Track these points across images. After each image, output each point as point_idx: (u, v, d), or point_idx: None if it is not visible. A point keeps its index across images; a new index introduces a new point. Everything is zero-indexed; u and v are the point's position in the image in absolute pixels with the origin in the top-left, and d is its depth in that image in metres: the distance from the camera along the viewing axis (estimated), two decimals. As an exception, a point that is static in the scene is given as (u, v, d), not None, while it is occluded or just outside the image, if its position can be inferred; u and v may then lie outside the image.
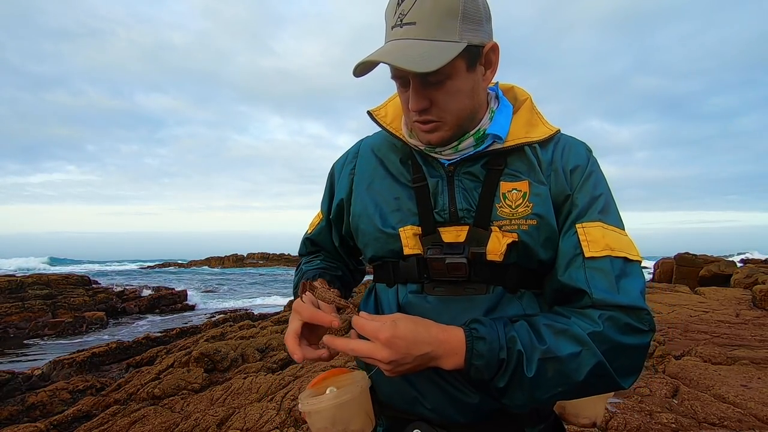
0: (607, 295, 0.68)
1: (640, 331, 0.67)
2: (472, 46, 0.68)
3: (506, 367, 0.65)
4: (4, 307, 10.45)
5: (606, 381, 0.67)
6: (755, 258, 19.57)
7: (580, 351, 0.65)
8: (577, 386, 0.66)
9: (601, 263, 0.69)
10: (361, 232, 0.84)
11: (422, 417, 0.77)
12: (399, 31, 0.67)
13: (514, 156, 0.76)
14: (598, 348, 0.65)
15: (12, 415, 4.10)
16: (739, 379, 3.30)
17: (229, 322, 9.01)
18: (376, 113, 0.85)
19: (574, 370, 0.65)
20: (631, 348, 0.67)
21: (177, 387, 4.18)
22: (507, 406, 0.69)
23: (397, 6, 0.67)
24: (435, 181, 0.77)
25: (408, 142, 0.80)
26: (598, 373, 0.66)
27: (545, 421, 0.79)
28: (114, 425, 3.33)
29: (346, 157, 0.92)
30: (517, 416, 0.76)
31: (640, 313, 0.67)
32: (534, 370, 0.65)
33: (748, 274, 9.20)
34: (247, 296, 19.81)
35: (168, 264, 58.27)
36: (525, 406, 0.68)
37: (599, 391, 0.70)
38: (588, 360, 0.65)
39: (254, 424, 3.08)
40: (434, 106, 0.71)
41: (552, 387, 0.66)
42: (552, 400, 0.69)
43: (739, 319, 5.88)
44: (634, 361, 0.68)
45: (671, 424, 2.61)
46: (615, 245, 0.70)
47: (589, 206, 0.72)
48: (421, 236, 0.77)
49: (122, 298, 13.97)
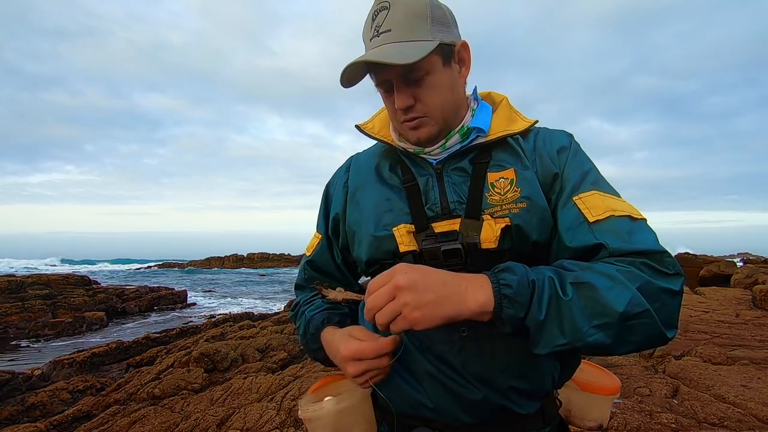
0: (623, 244, 0.66)
1: (666, 275, 0.64)
2: (445, 44, 0.74)
3: (540, 293, 0.61)
4: (4, 307, 10.44)
5: (648, 323, 0.61)
6: (755, 255, 19.54)
7: (611, 283, 0.61)
8: (618, 319, 0.59)
9: (607, 224, 0.69)
10: (357, 239, 0.85)
11: (425, 420, 0.76)
12: (377, 40, 0.73)
13: (498, 148, 0.80)
14: (630, 283, 0.61)
15: (12, 415, 4.10)
16: (739, 379, 3.30)
17: (229, 322, 9.01)
18: (364, 126, 0.90)
19: (612, 300, 0.60)
20: (663, 292, 0.62)
21: (177, 387, 4.18)
22: (541, 354, 0.62)
23: (372, 22, 0.74)
24: (425, 179, 0.80)
25: (397, 146, 0.84)
26: (637, 307, 0.60)
27: (550, 424, 0.78)
28: (114, 425, 3.33)
29: (338, 174, 0.94)
30: (522, 417, 0.74)
31: (661, 256, 0.65)
32: (570, 293, 0.61)
33: (748, 274, 9.20)
34: (247, 296, 19.80)
35: (168, 264, 58.28)
36: (565, 348, 0.61)
37: (642, 338, 0.62)
38: (623, 291, 0.60)
39: (254, 424, 3.08)
40: (418, 102, 0.75)
41: (592, 316, 0.60)
42: (594, 344, 0.60)
43: (739, 319, 5.88)
44: (669, 308, 0.63)
45: (671, 424, 2.61)
46: (616, 207, 0.71)
47: (582, 180, 0.75)
48: (414, 233, 0.77)
49: (122, 298, 13.97)
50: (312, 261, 0.96)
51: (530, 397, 0.75)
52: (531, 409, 0.75)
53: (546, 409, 0.78)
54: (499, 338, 0.72)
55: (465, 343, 0.73)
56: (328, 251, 0.94)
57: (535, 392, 0.75)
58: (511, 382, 0.73)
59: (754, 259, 16.64)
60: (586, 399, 0.88)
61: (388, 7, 0.72)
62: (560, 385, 0.83)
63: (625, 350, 0.62)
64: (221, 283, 27.94)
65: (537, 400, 0.76)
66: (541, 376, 0.75)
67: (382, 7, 0.73)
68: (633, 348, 0.63)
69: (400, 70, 0.72)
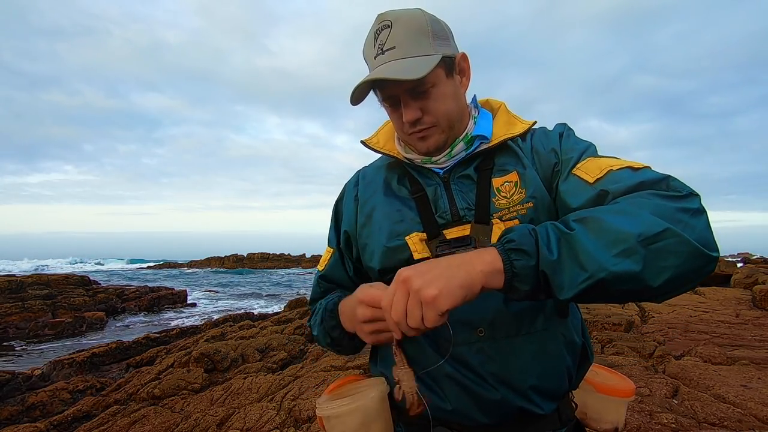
0: (624, 183, 0.65)
1: (677, 197, 0.59)
2: (447, 57, 0.77)
3: (545, 237, 0.58)
4: (4, 307, 10.44)
5: (676, 241, 0.54)
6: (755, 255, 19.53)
7: (618, 214, 0.57)
8: (638, 242, 0.54)
9: (607, 178, 0.68)
10: (369, 251, 0.86)
11: (442, 421, 0.76)
12: (382, 58, 0.75)
13: (501, 153, 0.83)
14: (639, 210, 0.57)
15: (12, 415, 4.10)
16: (739, 379, 3.30)
17: (229, 322, 9.01)
18: (369, 141, 0.92)
19: (623, 225, 0.55)
20: (680, 211, 0.57)
21: (177, 387, 4.18)
22: (568, 298, 0.57)
23: (375, 40, 0.76)
24: (433, 189, 0.83)
25: (404, 158, 0.86)
26: (655, 227, 0.54)
27: (566, 425, 0.78)
28: (114, 425, 3.33)
29: (348, 189, 0.96)
30: (539, 417, 0.75)
31: (666, 181, 0.63)
32: (576, 227, 0.58)
33: (748, 274, 9.19)
34: (246, 296, 19.80)
35: (168, 264, 58.27)
36: (591, 284, 0.55)
37: (678, 260, 0.54)
38: (632, 217, 0.56)
39: (254, 424, 3.08)
40: (426, 114, 0.78)
41: (608, 246, 0.55)
42: (622, 273, 0.54)
43: (739, 319, 5.88)
44: (694, 226, 0.56)
45: (671, 424, 2.61)
46: (614, 163, 0.71)
47: (580, 156, 0.76)
48: (427, 240, 0.79)
49: (122, 298, 13.96)
50: (325, 275, 0.96)
51: (548, 397, 0.75)
52: (548, 409, 0.75)
53: (562, 410, 0.78)
54: (516, 338, 0.73)
55: (483, 344, 0.73)
56: (341, 265, 0.95)
57: (553, 392, 0.75)
58: (529, 381, 0.73)
59: (755, 259, 16.64)
60: (601, 401, 0.88)
61: (390, 26, 0.75)
62: (576, 386, 0.83)
63: (665, 278, 0.54)
64: (222, 283, 27.94)
65: (554, 400, 0.76)
66: (558, 375, 0.76)
67: (384, 25, 0.75)
68: (674, 274, 0.54)
69: (407, 84, 0.74)
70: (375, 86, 0.78)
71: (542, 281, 0.58)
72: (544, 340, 0.74)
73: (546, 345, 0.74)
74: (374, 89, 0.80)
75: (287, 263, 53.75)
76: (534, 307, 0.74)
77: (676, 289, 0.57)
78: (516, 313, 0.73)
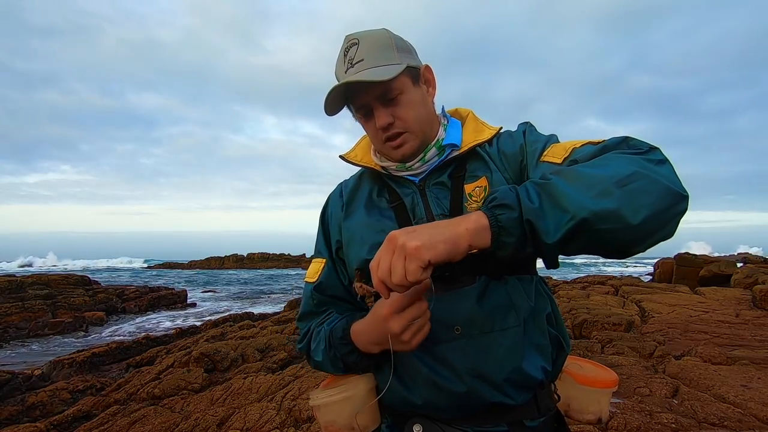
0: (590, 151, 0.70)
1: (640, 152, 0.64)
2: (411, 66, 0.83)
3: (524, 191, 0.62)
4: (4, 307, 10.45)
5: (648, 181, 0.59)
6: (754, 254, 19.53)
7: (590, 168, 0.62)
8: (613, 184, 0.58)
9: (573, 155, 0.73)
10: (348, 261, 0.90)
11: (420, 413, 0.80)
12: (352, 71, 0.81)
13: (471, 160, 0.87)
14: (608, 163, 0.62)
15: (12, 415, 4.10)
16: (739, 379, 3.30)
17: (229, 322, 9.02)
18: (347, 156, 0.97)
19: (597, 173, 0.60)
20: (646, 162, 0.61)
21: (177, 387, 4.18)
22: (554, 242, 0.59)
23: (344, 57, 0.83)
24: (410, 197, 0.87)
25: (381, 167, 0.91)
26: (625, 170, 0.59)
27: (545, 415, 0.81)
28: (114, 425, 3.33)
29: (333, 199, 0.99)
30: (513, 408, 0.77)
31: (626, 142, 0.69)
32: (554, 178, 0.62)
33: (748, 274, 9.20)
34: (247, 296, 19.80)
35: (168, 264, 58.28)
36: (574, 224, 0.58)
37: (653, 198, 0.58)
38: (603, 168, 0.61)
39: (254, 424, 3.08)
40: (397, 119, 0.83)
41: (586, 189, 0.59)
42: (603, 212, 0.58)
43: (739, 319, 5.88)
44: (661, 173, 0.61)
45: (671, 424, 2.61)
46: (576, 143, 0.76)
47: (544, 145, 0.81)
48: None
49: (122, 298, 13.97)
50: (320, 285, 0.94)
51: (522, 389, 0.78)
52: (521, 400, 0.78)
53: (540, 400, 0.80)
54: (491, 334, 0.77)
55: (460, 341, 0.77)
56: (334, 274, 0.94)
57: (528, 383, 0.78)
58: (504, 374, 0.76)
59: (754, 259, 16.63)
60: (583, 393, 0.91)
61: (357, 43, 0.82)
62: (554, 377, 0.86)
63: (644, 215, 0.57)
64: (222, 283, 27.94)
65: (529, 391, 0.79)
66: (533, 367, 0.78)
67: (352, 43, 0.82)
68: (651, 212, 0.58)
69: (377, 92, 0.80)
70: (347, 96, 0.83)
71: (528, 231, 0.61)
72: (518, 335, 0.77)
73: (519, 339, 0.77)
74: (348, 104, 0.85)
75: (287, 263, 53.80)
76: (506, 304, 0.78)
77: (657, 229, 0.60)
78: (489, 312, 0.77)
